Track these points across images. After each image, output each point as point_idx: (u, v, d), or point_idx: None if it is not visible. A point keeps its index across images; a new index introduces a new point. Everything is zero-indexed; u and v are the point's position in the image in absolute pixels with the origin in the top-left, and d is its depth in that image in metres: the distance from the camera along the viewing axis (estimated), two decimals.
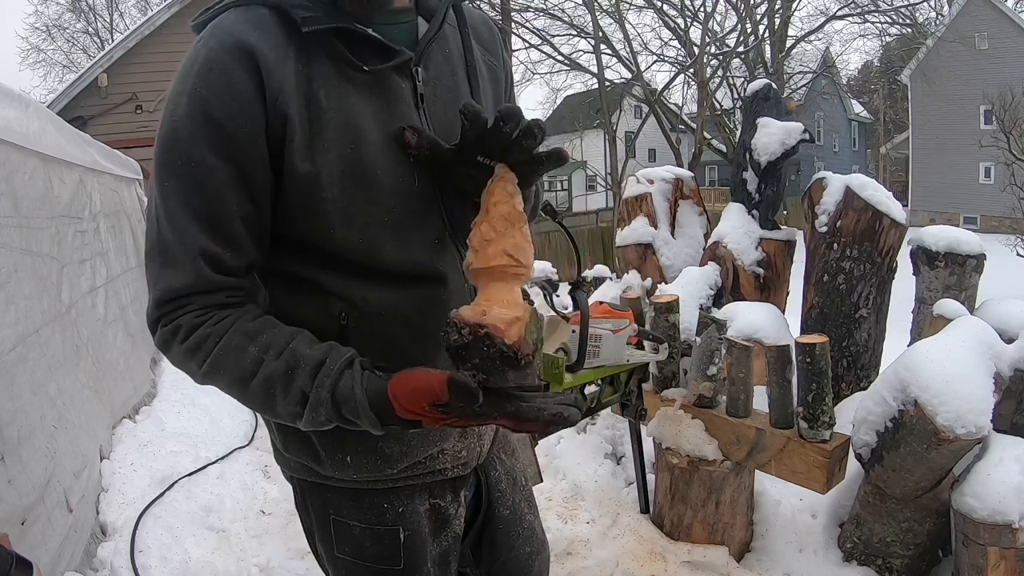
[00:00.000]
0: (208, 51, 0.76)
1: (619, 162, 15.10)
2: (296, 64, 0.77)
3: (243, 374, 0.75)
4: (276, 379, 0.75)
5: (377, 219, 0.82)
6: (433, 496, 0.97)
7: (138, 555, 2.16)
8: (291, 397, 0.75)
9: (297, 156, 0.77)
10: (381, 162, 0.81)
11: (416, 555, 0.95)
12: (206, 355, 0.76)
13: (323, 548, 0.98)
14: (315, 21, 0.77)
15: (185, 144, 0.75)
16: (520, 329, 0.67)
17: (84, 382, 2.62)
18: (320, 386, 0.74)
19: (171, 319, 0.77)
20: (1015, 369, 1.71)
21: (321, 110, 0.78)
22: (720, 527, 2.08)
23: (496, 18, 14.54)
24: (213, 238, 0.76)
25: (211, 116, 0.75)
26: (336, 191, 0.79)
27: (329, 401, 0.74)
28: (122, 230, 4.07)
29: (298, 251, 0.83)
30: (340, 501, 0.94)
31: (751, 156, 2.65)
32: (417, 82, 0.85)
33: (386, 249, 0.83)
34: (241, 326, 0.77)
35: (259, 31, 0.77)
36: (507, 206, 0.72)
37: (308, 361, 0.75)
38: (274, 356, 0.75)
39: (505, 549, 1.10)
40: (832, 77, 19.83)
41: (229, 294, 0.78)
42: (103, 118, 9.28)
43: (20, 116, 2.28)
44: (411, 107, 0.84)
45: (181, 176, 0.76)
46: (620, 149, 15.58)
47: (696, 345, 2.10)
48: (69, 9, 19.59)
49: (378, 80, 0.81)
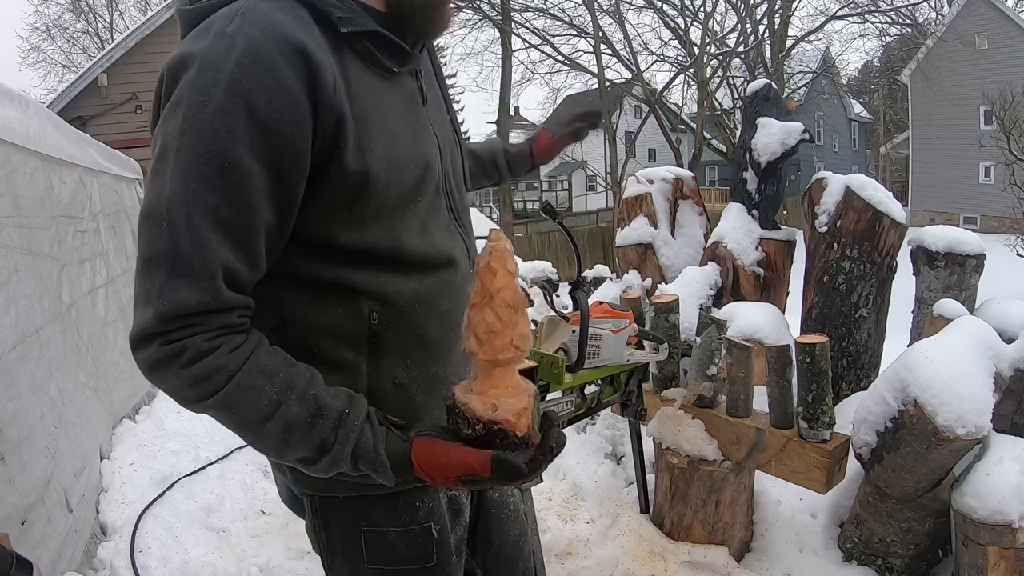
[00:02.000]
0: (248, 40, 0.69)
1: (619, 162, 15.11)
2: (336, 64, 0.75)
3: (259, 416, 0.72)
4: (296, 426, 0.73)
5: (406, 212, 0.85)
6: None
7: (138, 555, 2.16)
8: (308, 444, 0.74)
9: (350, 156, 0.76)
10: (411, 158, 0.84)
11: (444, 548, 0.96)
12: (216, 388, 0.70)
13: (347, 564, 0.95)
14: (351, 23, 0.76)
15: (220, 142, 0.67)
16: (528, 418, 0.71)
17: (84, 382, 2.62)
18: (344, 441, 0.74)
19: (175, 338, 0.69)
20: (1015, 369, 1.71)
21: (363, 110, 0.78)
22: (720, 527, 2.08)
23: (496, 18, 14.53)
24: (236, 252, 0.70)
25: (253, 113, 0.68)
26: (379, 188, 0.80)
27: (350, 456, 0.75)
28: (122, 230, 4.07)
29: (323, 254, 0.80)
30: (373, 510, 0.92)
31: (751, 156, 2.65)
32: (421, 83, 0.90)
33: (411, 237, 0.85)
34: (257, 362, 0.72)
35: (302, 26, 0.72)
36: (511, 292, 0.70)
37: (331, 412, 0.74)
38: (296, 401, 0.73)
39: (497, 533, 1.10)
40: (832, 77, 19.84)
41: (240, 313, 0.73)
42: (103, 118, 9.28)
43: (20, 116, 2.28)
44: (421, 106, 0.89)
45: (209, 178, 0.68)
46: (620, 149, 15.59)
47: (696, 345, 2.11)
48: (69, 9, 19.63)
49: (399, 81, 0.86)
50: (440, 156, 0.90)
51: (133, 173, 4.71)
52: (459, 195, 0.97)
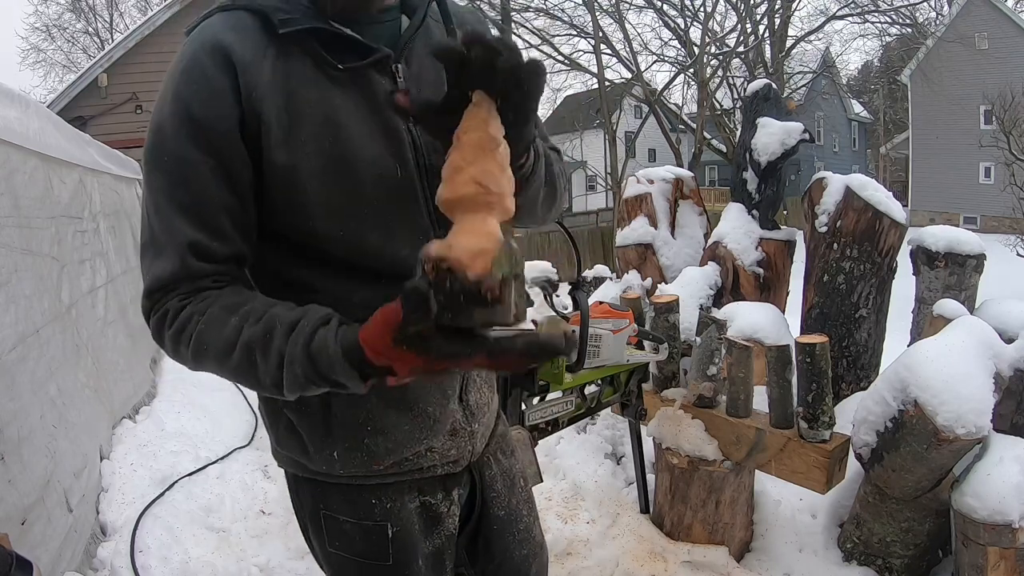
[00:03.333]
0: (191, 52, 0.81)
1: (619, 162, 15.10)
2: (274, 63, 0.81)
3: (226, 345, 0.75)
4: (255, 344, 0.74)
5: (358, 212, 0.83)
6: (423, 493, 0.98)
7: (138, 555, 2.16)
8: (271, 360, 0.73)
9: (274, 150, 0.80)
10: (364, 155, 0.83)
11: (405, 552, 0.96)
12: (191, 334, 0.76)
13: (316, 542, 1.00)
14: (291, 23, 0.80)
15: (170, 141, 0.79)
16: (485, 262, 0.61)
17: (84, 382, 2.62)
18: (294, 343, 0.72)
19: (159, 307, 0.79)
20: (1015, 369, 1.71)
21: (299, 106, 0.81)
22: (720, 527, 2.08)
23: (496, 18, 14.54)
24: (198, 229, 0.79)
25: (192, 113, 0.78)
26: (316, 183, 0.81)
27: (304, 358, 0.71)
28: (122, 230, 4.08)
29: (286, 251, 0.85)
30: (330, 496, 0.95)
31: (751, 156, 2.65)
32: (398, 78, 0.86)
33: (369, 242, 0.84)
34: (223, 300, 0.78)
35: (237, 33, 0.81)
36: (478, 133, 0.67)
37: (284, 321, 0.74)
38: (253, 322, 0.75)
39: (500, 551, 1.09)
40: (832, 77, 19.83)
41: (215, 279, 0.80)
42: (103, 118, 9.28)
43: (20, 116, 2.28)
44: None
45: (167, 171, 0.79)
46: (620, 149, 15.58)
47: (696, 345, 2.11)
48: (69, 9, 19.60)
49: (356, 78, 0.84)
50: (417, 153, 0.86)
51: (133, 173, 4.71)
52: None
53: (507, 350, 0.63)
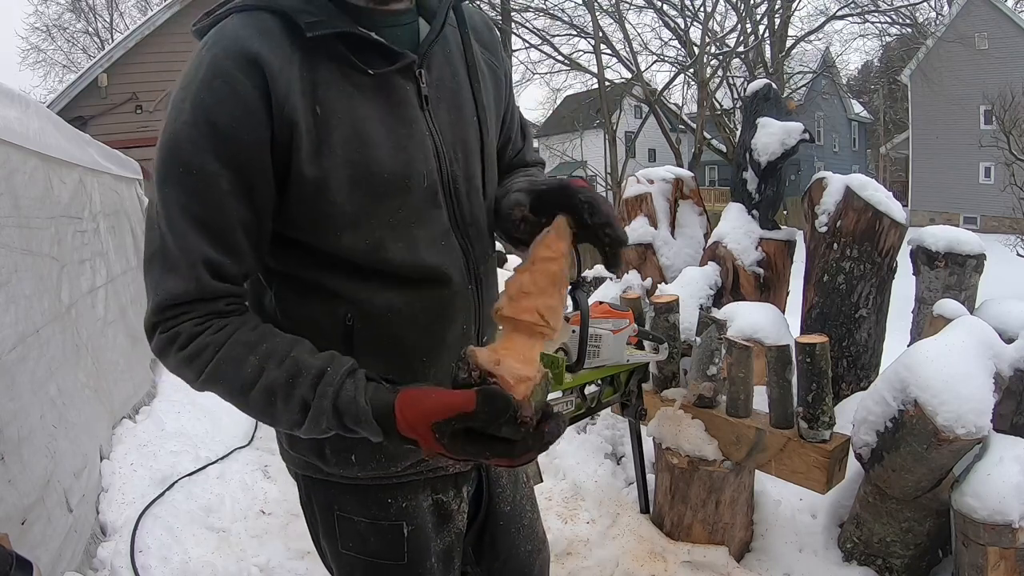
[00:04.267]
0: (212, 58, 0.76)
1: (619, 162, 15.11)
2: (301, 70, 0.77)
3: (244, 384, 0.75)
4: (277, 388, 0.75)
5: (383, 222, 0.82)
6: (435, 491, 0.98)
7: (138, 555, 2.16)
8: (292, 405, 0.75)
9: (305, 162, 0.78)
10: (388, 165, 0.81)
11: (419, 550, 0.96)
12: (205, 364, 0.76)
13: (327, 544, 0.99)
14: (319, 26, 0.76)
15: (187, 151, 0.75)
16: (527, 389, 0.66)
17: (84, 382, 2.62)
18: (323, 396, 0.74)
19: (170, 326, 0.77)
20: (1015, 369, 1.71)
21: (327, 115, 0.78)
22: (720, 527, 2.08)
23: (496, 18, 14.54)
24: (214, 246, 0.76)
25: (214, 124, 0.74)
26: (344, 195, 0.79)
27: (331, 411, 0.74)
28: (122, 230, 4.07)
29: (304, 254, 0.84)
30: (345, 498, 0.95)
31: (751, 156, 2.65)
32: (421, 84, 0.85)
33: (392, 251, 0.83)
34: (241, 336, 0.77)
35: (264, 37, 0.76)
36: (556, 265, 0.70)
37: (309, 370, 0.75)
38: (275, 365, 0.75)
39: (506, 546, 1.10)
40: (832, 77, 19.85)
41: (229, 302, 0.78)
42: (103, 118, 9.29)
43: (20, 116, 2.28)
44: (416, 109, 0.84)
45: (182, 183, 0.75)
46: (620, 149, 15.59)
47: (696, 345, 2.11)
48: (69, 9, 19.61)
49: (383, 83, 0.82)
50: (440, 161, 0.86)
51: (133, 173, 4.71)
52: (469, 203, 0.90)
53: (526, 455, 0.68)
